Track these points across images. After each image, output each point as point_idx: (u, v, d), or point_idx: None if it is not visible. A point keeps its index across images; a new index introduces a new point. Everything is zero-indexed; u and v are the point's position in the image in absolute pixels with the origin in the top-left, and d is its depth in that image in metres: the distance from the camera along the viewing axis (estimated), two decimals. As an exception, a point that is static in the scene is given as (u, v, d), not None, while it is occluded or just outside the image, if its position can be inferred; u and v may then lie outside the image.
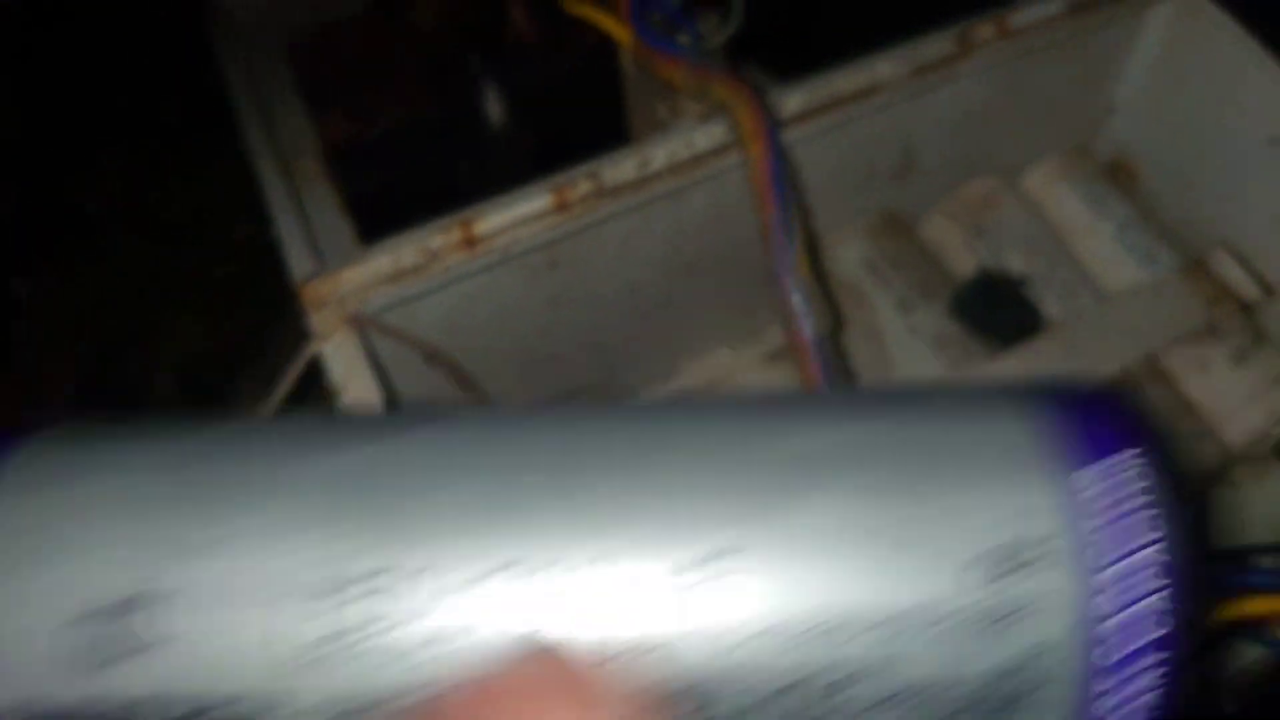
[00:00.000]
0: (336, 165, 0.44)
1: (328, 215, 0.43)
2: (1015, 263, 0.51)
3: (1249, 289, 0.51)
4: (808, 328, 0.36)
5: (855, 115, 0.44)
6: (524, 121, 0.47)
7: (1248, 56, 0.47)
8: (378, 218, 0.41)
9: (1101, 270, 0.52)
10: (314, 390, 0.36)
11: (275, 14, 0.51)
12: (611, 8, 0.44)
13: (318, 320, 0.37)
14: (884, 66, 0.43)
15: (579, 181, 0.40)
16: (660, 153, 0.41)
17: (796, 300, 0.36)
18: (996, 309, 0.49)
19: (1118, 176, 0.56)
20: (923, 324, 0.49)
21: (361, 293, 0.38)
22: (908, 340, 0.49)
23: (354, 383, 0.36)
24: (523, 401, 0.47)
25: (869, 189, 0.51)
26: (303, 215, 0.42)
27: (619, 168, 0.40)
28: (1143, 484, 0.19)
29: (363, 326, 0.38)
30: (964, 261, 0.52)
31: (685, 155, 0.42)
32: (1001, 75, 0.47)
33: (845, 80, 0.43)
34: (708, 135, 0.41)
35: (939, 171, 0.52)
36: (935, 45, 0.44)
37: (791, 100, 0.42)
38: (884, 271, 0.51)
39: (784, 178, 0.39)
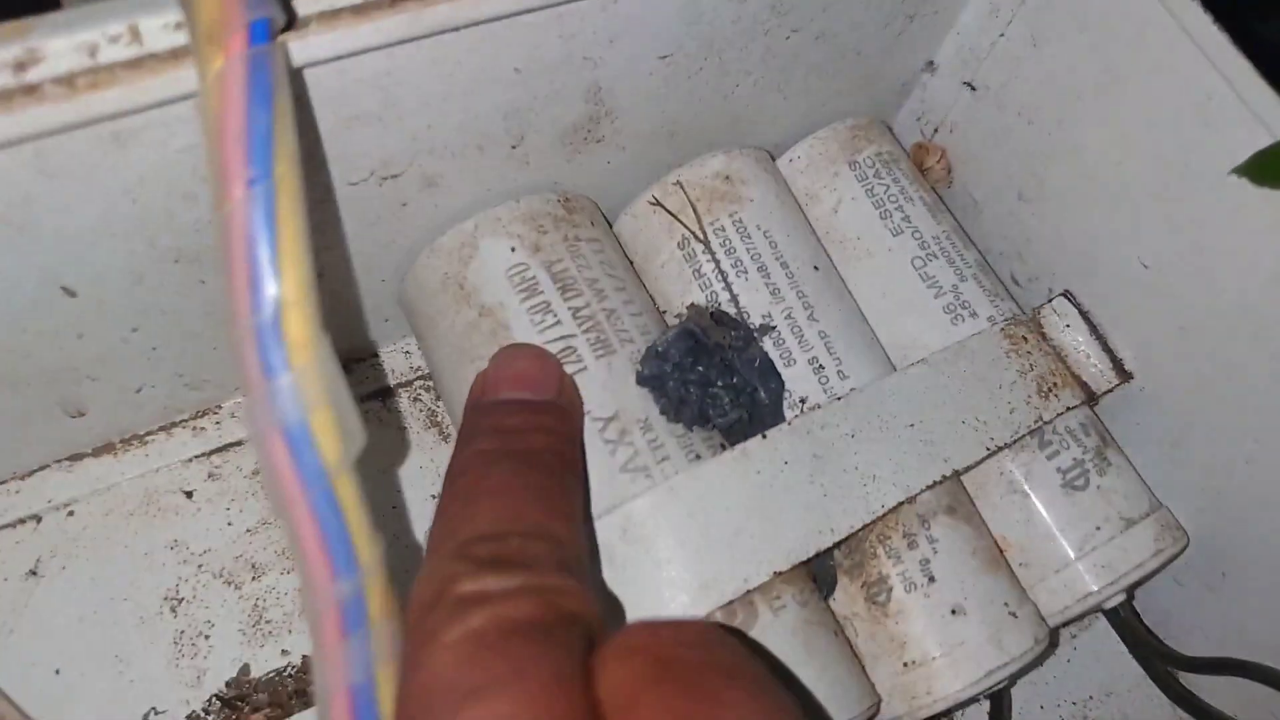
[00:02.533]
0: None
1: None
2: (756, 298, 0.32)
3: (1097, 370, 0.33)
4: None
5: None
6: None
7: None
8: None
9: (885, 319, 0.34)
10: None
11: None
12: None
13: None
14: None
15: None
16: (58, 44, 0.20)
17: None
18: (708, 380, 0.29)
19: (926, 169, 0.37)
20: (595, 389, 0.29)
21: None
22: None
23: None
24: None
25: (518, 159, 0.30)
26: None
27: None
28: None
29: None
30: (682, 289, 0.33)
31: (88, 63, 0.21)
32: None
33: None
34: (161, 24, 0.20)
35: (644, 138, 0.32)
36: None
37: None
38: (543, 290, 0.30)
39: (268, 136, 0.19)
